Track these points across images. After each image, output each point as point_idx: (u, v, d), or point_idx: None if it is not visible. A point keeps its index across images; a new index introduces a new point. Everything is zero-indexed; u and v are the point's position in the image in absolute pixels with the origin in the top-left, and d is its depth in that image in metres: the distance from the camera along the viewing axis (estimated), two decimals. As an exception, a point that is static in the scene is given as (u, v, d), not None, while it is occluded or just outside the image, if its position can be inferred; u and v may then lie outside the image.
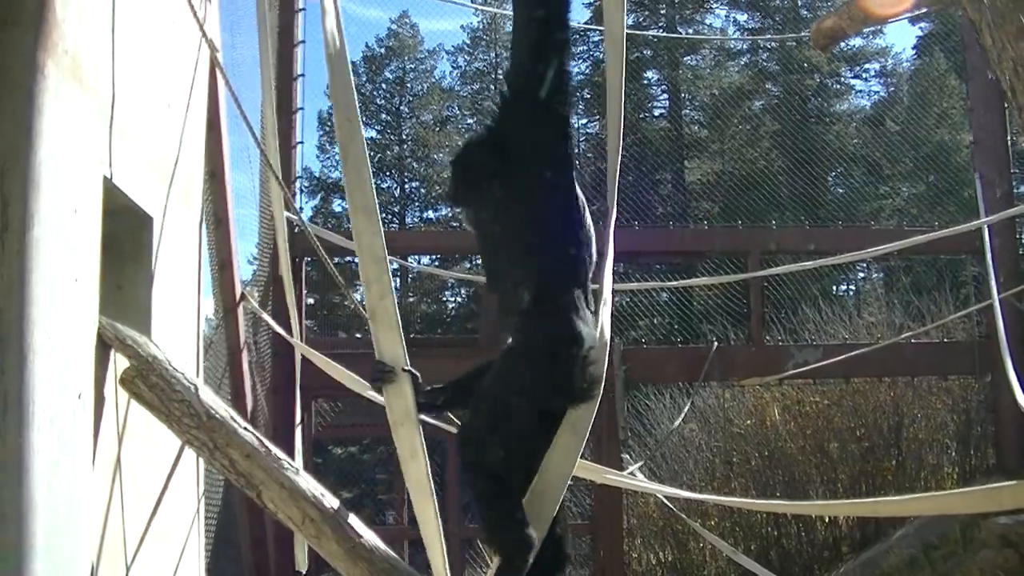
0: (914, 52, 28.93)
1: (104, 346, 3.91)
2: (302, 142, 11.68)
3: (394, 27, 32.89)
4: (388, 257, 3.60)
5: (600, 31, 24.72)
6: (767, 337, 12.95)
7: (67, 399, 3.44)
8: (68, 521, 3.40)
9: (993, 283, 10.68)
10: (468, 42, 34.34)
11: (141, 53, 4.48)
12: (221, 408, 3.92)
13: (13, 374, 3.12)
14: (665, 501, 10.38)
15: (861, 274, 25.07)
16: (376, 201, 3.72)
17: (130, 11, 4.25)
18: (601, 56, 30.64)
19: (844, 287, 25.47)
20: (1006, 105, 11.82)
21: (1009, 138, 12.43)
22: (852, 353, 11.30)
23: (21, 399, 3.12)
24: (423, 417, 3.70)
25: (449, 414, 4.99)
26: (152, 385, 3.91)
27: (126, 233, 4.52)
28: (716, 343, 12.12)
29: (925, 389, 13.45)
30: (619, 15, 4.25)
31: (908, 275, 18.83)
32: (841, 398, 13.37)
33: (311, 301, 24.96)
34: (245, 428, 3.87)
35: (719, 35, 30.75)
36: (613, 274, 4.15)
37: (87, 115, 3.73)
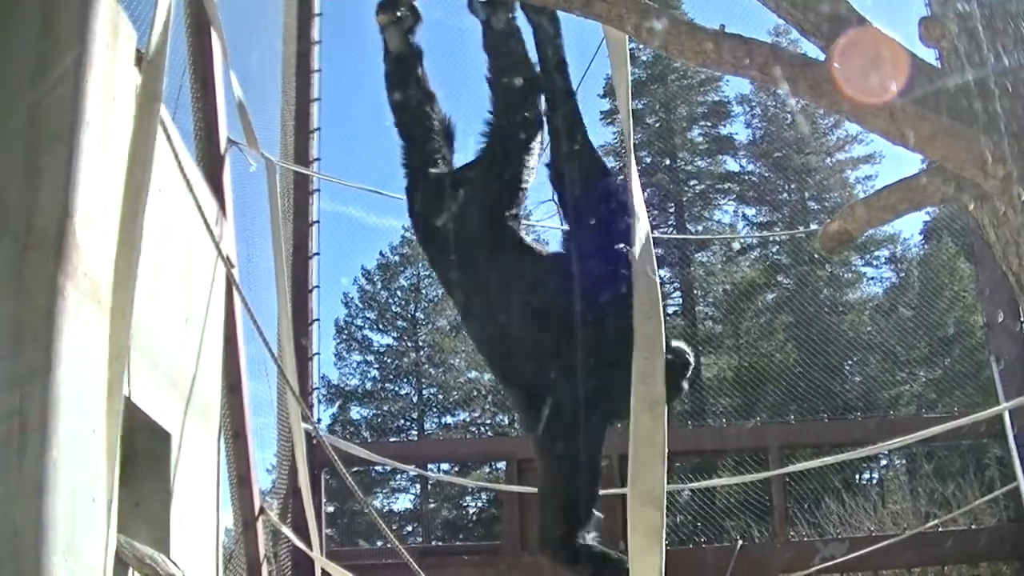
0: (922, 237, 29.21)
1: (123, 565, 3.88)
2: (318, 353, 11.73)
3: (407, 235, 33.34)
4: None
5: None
6: (791, 532, 12.76)
7: (85, 621, 3.39)
8: None
9: (1017, 466, 10.56)
10: (480, 247, 34.78)
11: (159, 271, 4.57)
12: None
13: (30, 597, 3.09)
14: None
15: (883, 462, 24.84)
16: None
17: (148, 231, 4.35)
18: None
19: (867, 475, 25.19)
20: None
21: (1022, 319, 12.41)
22: (879, 545, 11.10)
23: (38, 623, 3.08)
24: None
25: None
26: (170, 604, 3.87)
27: (144, 449, 4.54)
28: (740, 541, 11.93)
29: (956, 578, 13.20)
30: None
31: (930, 461, 18.67)
32: (872, 591, 13.09)
33: (331, 509, 24.69)
34: (264, 645, 3.81)
35: (728, 231, 31.15)
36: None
37: (106, 335, 3.77)
